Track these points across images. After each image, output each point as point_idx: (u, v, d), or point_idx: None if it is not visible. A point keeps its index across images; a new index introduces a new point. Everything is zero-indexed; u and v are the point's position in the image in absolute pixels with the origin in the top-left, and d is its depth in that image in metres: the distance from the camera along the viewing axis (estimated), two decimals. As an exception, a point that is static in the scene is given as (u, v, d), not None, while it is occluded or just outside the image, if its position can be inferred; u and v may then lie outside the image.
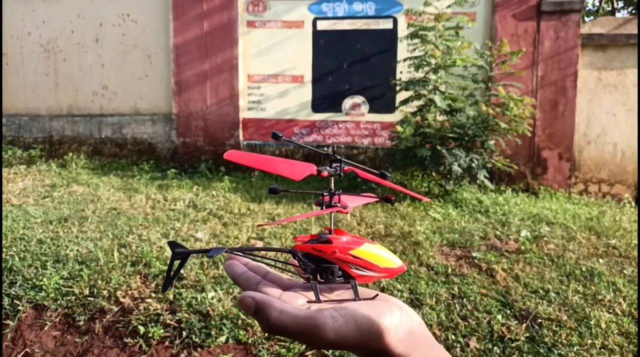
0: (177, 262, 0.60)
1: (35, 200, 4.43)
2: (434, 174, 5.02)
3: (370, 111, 6.15)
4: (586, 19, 7.87)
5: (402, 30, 5.79)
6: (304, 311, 0.47)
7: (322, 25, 6.10)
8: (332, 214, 0.61)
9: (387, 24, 5.96)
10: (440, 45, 4.87)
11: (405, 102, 5.12)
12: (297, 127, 6.31)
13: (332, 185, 0.62)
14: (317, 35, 6.12)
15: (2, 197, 4.39)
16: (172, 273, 0.60)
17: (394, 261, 0.60)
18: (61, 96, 6.74)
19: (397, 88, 5.30)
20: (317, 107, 6.27)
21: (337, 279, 0.58)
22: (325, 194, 0.61)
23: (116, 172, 6.00)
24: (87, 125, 6.64)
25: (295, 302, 0.52)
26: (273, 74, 6.30)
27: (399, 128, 4.68)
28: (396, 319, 0.48)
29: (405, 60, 5.13)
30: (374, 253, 0.58)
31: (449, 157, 4.52)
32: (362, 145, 6.16)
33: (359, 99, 6.16)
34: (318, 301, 0.53)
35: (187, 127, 6.43)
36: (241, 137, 6.37)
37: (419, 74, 5.03)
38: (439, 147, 4.57)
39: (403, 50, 5.81)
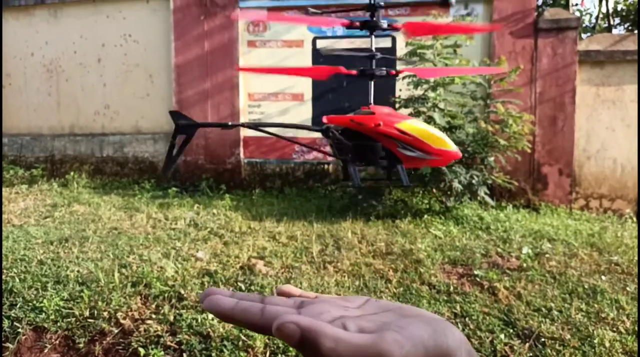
0: (180, 138, 0.50)
1: (36, 220, 4.43)
2: (434, 190, 5.02)
3: (370, 128, 6.17)
4: (583, 35, 7.95)
5: (401, 49, 5.86)
6: (363, 338, 0.40)
7: (321, 44, 6.17)
8: (372, 82, 0.55)
9: (386, 43, 6.03)
10: (439, 64, 4.91)
11: (404, 119, 5.15)
12: (298, 145, 6.33)
13: (373, 45, 0.56)
14: (317, 54, 6.19)
15: (2, 217, 4.40)
16: (174, 151, 0.51)
17: (449, 143, 0.51)
18: (63, 116, 6.80)
19: (397, 105, 5.33)
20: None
21: (378, 159, 0.49)
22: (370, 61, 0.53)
23: (117, 191, 6.01)
24: (89, 145, 6.68)
25: (331, 317, 0.42)
26: (273, 93, 6.35)
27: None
28: (457, 338, 0.43)
29: (404, 78, 5.18)
30: (425, 130, 0.51)
31: (449, 174, 4.53)
32: (363, 163, 6.17)
33: (358, 116, 6.19)
34: (357, 184, 0.46)
35: (188, 146, 6.44)
36: (242, 155, 6.40)
37: (418, 92, 5.07)
38: (439, 164, 4.58)
39: (402, 67, 5.86)
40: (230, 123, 0.45)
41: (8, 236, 3.73)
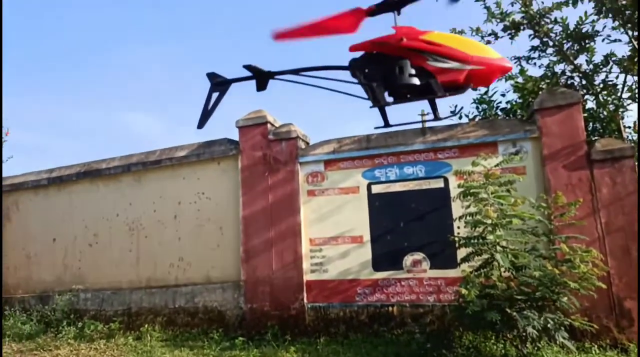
0: (215, 95, 0.53)
1: (113, 383, 4.59)
2: (508, 335, 4.76)
3: (432, 267, 6.14)
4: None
5: (454, 188, 6.04)
6: None
7: (376, 188, 6.49)
8: (395, 14, 0.47)
9: (439, 183, 6.25)
10: (494, 203, 4.97)
11: (466, 259, 5.12)
12: (360, 287, 6.36)
13: None
14: (373, 198, 6.49)
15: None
16: (209, 106, 0.53)
17: (492, 50, 0.40)
18: (141, 270, 7.33)
19: (457, 245, 5.34)
20: (377, 265, 6.36)
21: (407, 77, 0.41)
22: None
23: (187, 343, 6.16)
24: (163, 296, 7.06)
25: None
26: (333, 237, 6.59)
27: (463, 291, 4.61)
28: None
29: (460, 218, 5.25)
30: (459, 37, 0.41)
31: (521, 320, 4.33)
32: (428, 303, 6.03)
33: (419, 255, 6.22)
34: (383, 103, 0.40)
35: (254, 293, 6.66)
36: (305, 300, 6.47)
37: (478, 230, 5.07)
38: (508, 310, 4.42)
39: (458, 206, 5.98)
40: (267, 71, 0.47)
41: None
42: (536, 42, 7.43)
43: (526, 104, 7.37)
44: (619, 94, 7.23)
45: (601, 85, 7.19)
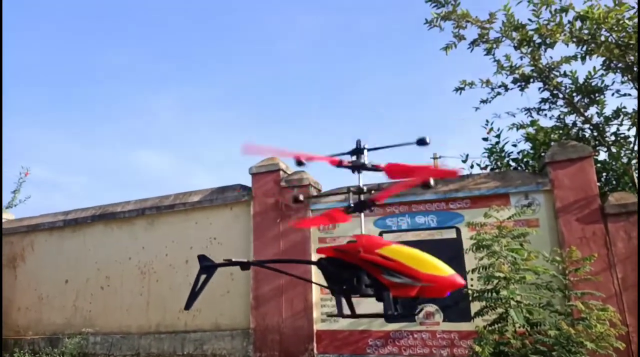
0: (203, 277, 0.61)
1: None
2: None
3: (445, 320, 6.04)
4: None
5: (467, 239, 6.01)
6: None
7: (388, 237, 6.48)
8: (362, 216, 0.59)
9: (451, 234, 6.23)
10: (507, 256, 4.93)
11: (479, 313, 5.03)
12: (372, 339, 6.25)
13: (360, 181, 0.62)
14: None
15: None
16: (197, 288, 0.60)
17: (443, 268, 0.46)
18: (151, 314, 7.30)
19: (470, 298, 5.27)
20: (390, 316, 6.26)
21: (364, 288, 0.48)
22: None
23: (194, 393, 6.05)
24: (172, 342, 6.99)
25: None
26: (345, 285, 6.53)
27: (477, 348, 4.52)
28: None
29: (473, 270, 5.20)
30: (412, 253, 0.45)
31: (538, 380, 4.22)
32: (441, 358, 5.89)
33: (432, 307, 6.13)
34: (340, 314, 0.46)
35: (263, 342, 6.57)
36: (315, 351, 6.36)
37: (491, 283, 5.01)
38: (523, 370, 4.31)
39: (471, 257, 5.92)
40: (246, 260, 0.54)
41: None
42: (546, 94, 7.51)
43: (538, 155, 7.40)
44: (631, 146, 7.23)
45: (613, 138, 7.21)
